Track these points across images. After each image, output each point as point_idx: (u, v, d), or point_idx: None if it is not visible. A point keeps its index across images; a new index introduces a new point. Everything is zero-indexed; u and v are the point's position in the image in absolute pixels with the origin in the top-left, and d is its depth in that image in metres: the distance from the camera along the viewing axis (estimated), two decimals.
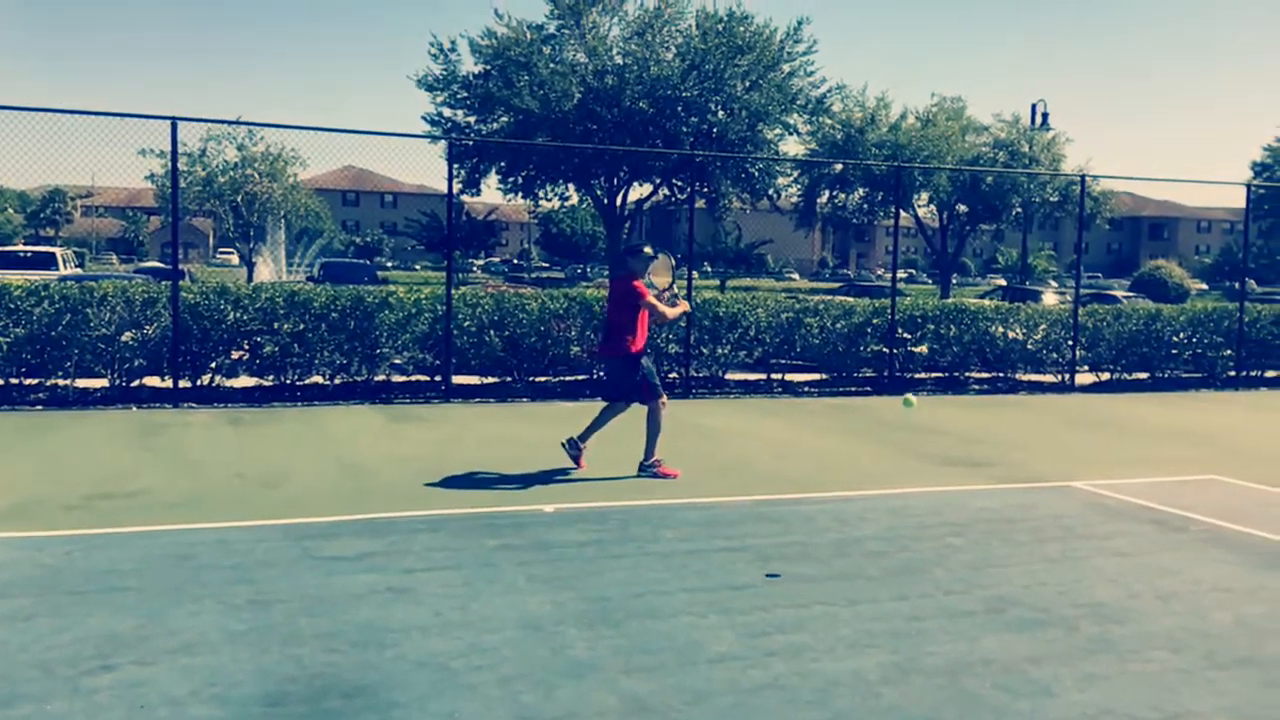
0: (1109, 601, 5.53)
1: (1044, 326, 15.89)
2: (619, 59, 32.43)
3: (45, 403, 11.48)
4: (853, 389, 14.72)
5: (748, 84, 32.23)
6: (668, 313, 8.59)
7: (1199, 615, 5.36)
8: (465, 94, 33.38)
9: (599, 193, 35.05)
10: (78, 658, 4.41)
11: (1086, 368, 16.32)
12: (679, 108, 31.84)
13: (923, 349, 15.20)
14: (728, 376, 14.46)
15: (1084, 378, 16.22)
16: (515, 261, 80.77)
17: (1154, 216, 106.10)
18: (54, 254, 26.27)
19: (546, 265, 79.45)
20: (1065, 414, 13.08)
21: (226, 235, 38.52)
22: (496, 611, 5.12)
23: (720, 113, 32.45)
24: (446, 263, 13.53)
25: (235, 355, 12.23)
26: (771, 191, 36.53)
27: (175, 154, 12.10)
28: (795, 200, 41.50)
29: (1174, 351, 16.57)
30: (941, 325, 15.23)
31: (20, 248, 33.13)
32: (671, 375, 13.54)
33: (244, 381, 12.39)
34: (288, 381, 12.43)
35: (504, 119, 32.63)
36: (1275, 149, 71.94)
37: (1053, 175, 38.44)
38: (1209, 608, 5.48)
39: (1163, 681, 4.47)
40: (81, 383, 11.88)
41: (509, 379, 13.30)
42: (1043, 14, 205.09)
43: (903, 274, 72.06)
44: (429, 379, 13.11)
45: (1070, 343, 15.84)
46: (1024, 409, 13.60)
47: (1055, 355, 15.94)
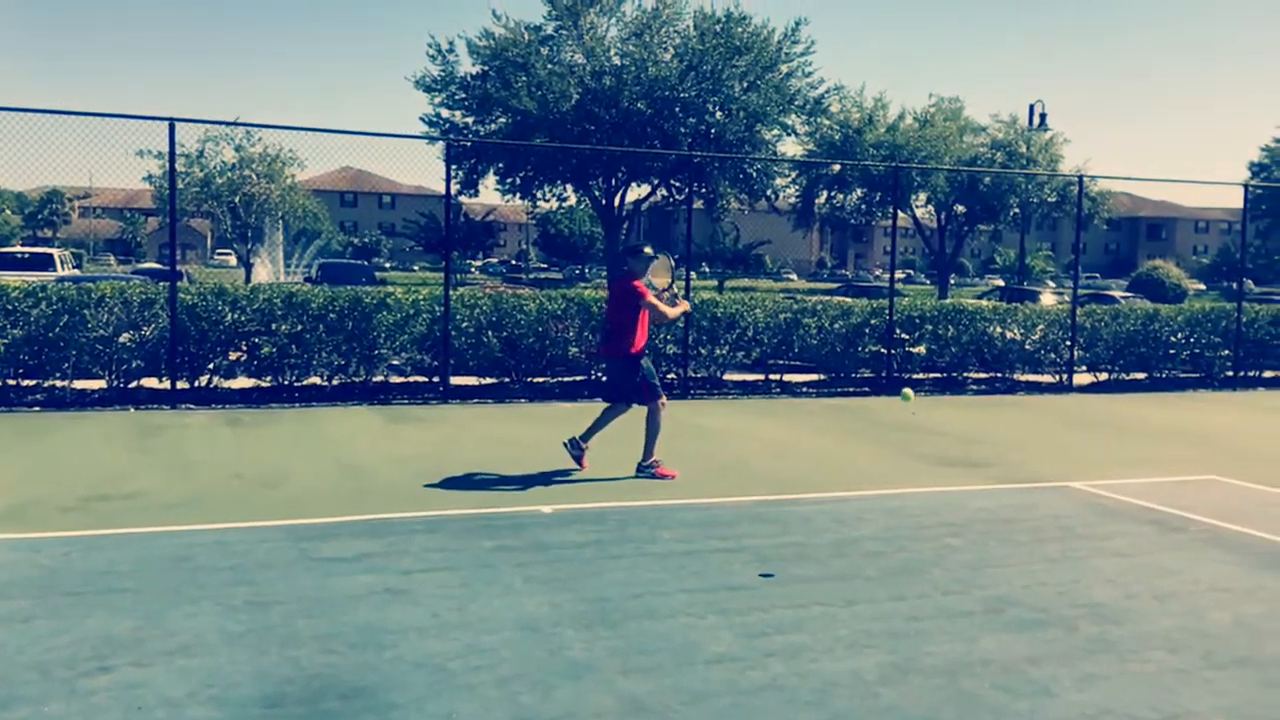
0: (1107, 601, 5.53)
1: (1042, 327, 15.90)
2: (617, 60, 32.43)
3: (43, 404, 11.47)
4: (851, 389, 14.72)
5: (745, 84, 32.24)
6: (668, 312, 8.60)
7: (1197, 615, 5.36)
8: (463, 95, 33.38)
9: (597, 193, 35.05)
10: (75, 659, 4.40)
11: (1084, 368, 16.32)
12: (677, 108, 31.85)
13: (921, 349, 15.20)
14: (726, 377, 14.46)
15: (1082, 378, 16.23)
16: (513, 262, 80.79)
17: (1152, 217, 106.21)
18: (51, 255, 26.24)
19: (544, 266, 79.46)
20: (1063, 414, 13.09)
21: (224, 236, 38.51)
22: (494, 612, 5.11)
23: (718, 113, 32.46)
24: (444, 263, 13.52)
25: (233, 356, 12.22)
26: (769, 192, 36.55)
27: (173, 155, 12.10)
28: (793, 201, 41.52)
29: (1172, 352, 16.59)
30: (939, 326, 15.24)
31: (18, 249, 33.11)
32: (670, 376, 13.54)
33: (242, 382, 12.38)
34: (286, 382, 12.43)
35: (502, 120, 32.63)
36: (1273, 149, 72.06)
37: (1050, 176, 38.47)
38: (1207, 608, 5.49)
39: (1161, 681, 4.48)
40: (79, 384, 11.87)
41: (507, 380, 13.30)
42: (1041, 14, 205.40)
43: (901, 274, 72.12)
44: (427, 380, 13.10)
45: (1068, 343, 15.85)
46: (1022, 409, 13.61)
47: (1053, 355, 15.95)
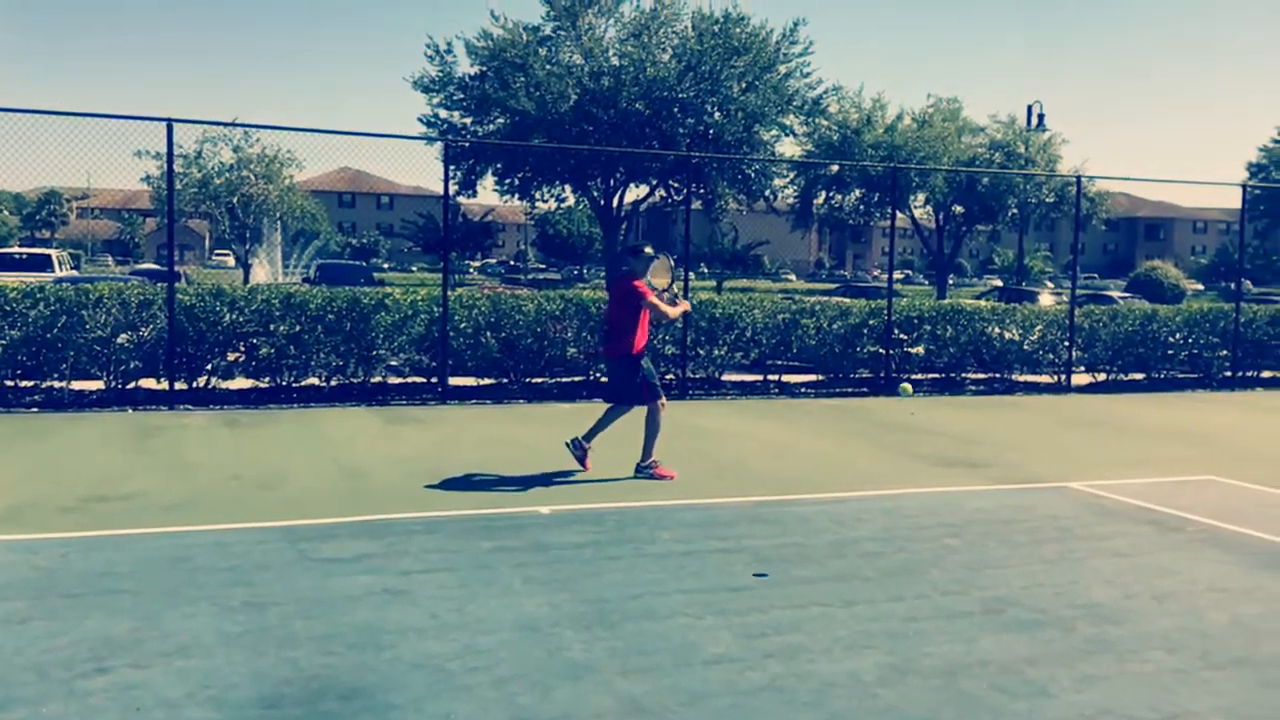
0: (1106, 602, 5.54)
1: (1040, 327, 15.91)
2: (615, 60, 32.39)
3: (41, 405, 11.46)
4: (849, 390, 14.72)
5: (744, 85, 32.21)
6: (669, 312, 8.60)
7: (1195, 615, 5.36)
8: (461, 95, 33.34)
9: (595, 194, 35.02)
10: (73, 660, 4.40)
11: (1083, 368, 16.33)
12: (675, 109, 31.81)
13: (919, 350, 15.21)
14: (724, 378, 14.47)
15: (1080, 378, 16.23)
16: (512, 263, 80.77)
17: (1150, 217, 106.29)
18: (49, 256, 26.23)
19: (543, 267, 79.41)
20: (1062, 414, 13.09)
21: (223, 237, 38.46)
22: (493, 613, 5.11)
23: (716, 114, 32.42)
24: (443, 264, 13.51)
25: (231, 357, 12.22)
26: (768, 193, 36.49)
27: (171, 156, 12.09)
28: (792, 201, 41.50)
29: (1170, 352, 16.60)
30: (938, 326, 15.25)
31: (16, 250, 33.08)
32: (668, 376, 13.54)
33: (240, 383, 12.38)
34: (284, 383, 12.42)
35: (500, 120, 32.59)
36: (1271, 150, 72.20)
37: (1049, 176, 38.48)
38: (1205, 608, 5.49)
39: (1159, 682, 4.48)
40: (77, 385, 11.86)
41: (505, 380, 13.29)
42: (1039, 15, 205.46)
43: (899, 275, 72.13)
44: (425, 381, 13.10)
45: (1066, 343, 15.86)
46: (1020, 409, 13.61)
47: (1051, 356, 15.96)
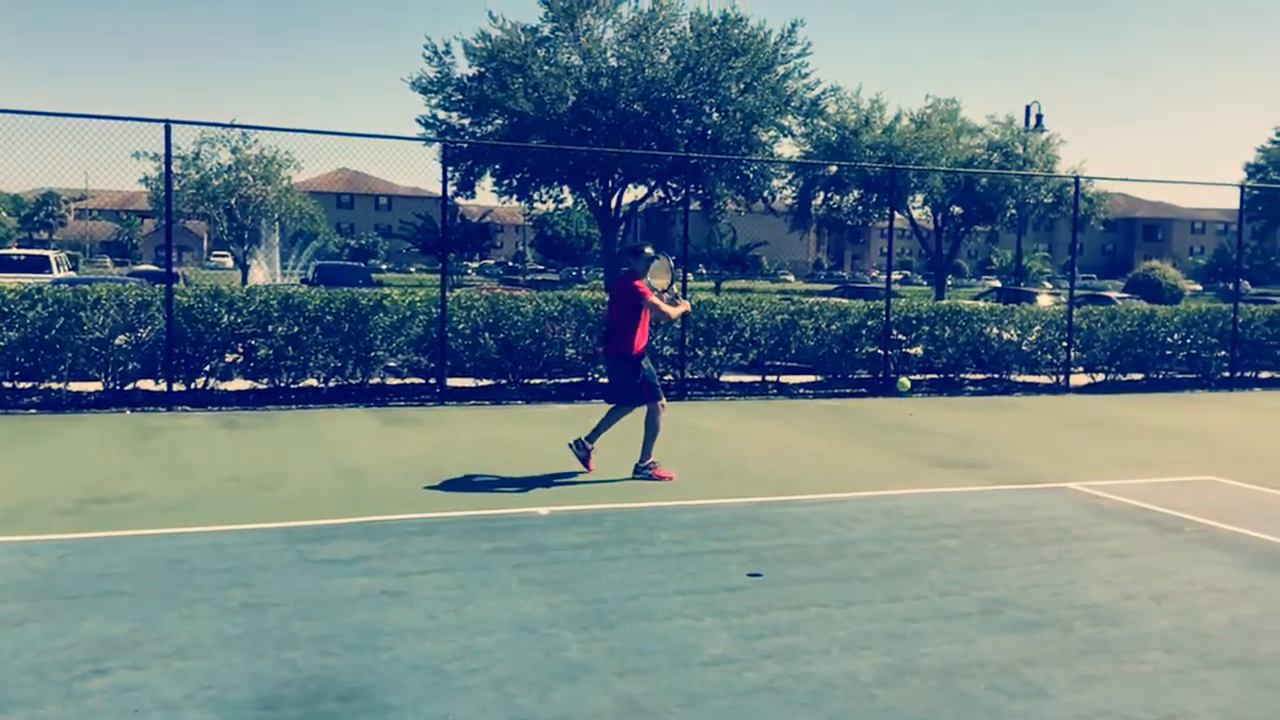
0: (1104, 603, 5.54)
1: (1039, 328, 15.91)
2: (613, 61, 32.40)
3: (39, 406, 11.45)
4: (848, 391, 14.72)
5: (742, 86, 32.22)
6: (670, 312, 8.60)
7: (1193, 616, 5.37)
8: (460, 96, 33.34)
9: (594, 195, 35.02)
10: (71, 662, 4.40)
11: (1081, 369, 16.34)
12: (673, 110, 31.81)
13: (918, 350, 15.21)
14: (722, 379, 14.47)
15: (1079, 379, 16.24)
16: (510, 264, 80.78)
17: (1148, 218, 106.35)
18: (48, 257, 26.19)
19: (541, 267, 79.42)
20: (1060, 415, 13.10)
21: (221, 238, 38.46)
22: (491, 614, 5.11)
23: (715, 115, 32.43)
24: (441, 265, 13.52)
25: (229, 358, 12.22)
26: (766, 193, 36.49)
27: (169, 157, 12.08)
28: (790, 202, 41.49)
29: (1168, 352, 16.61)
30: (936, 327, 15.25)
31: (14, 251, 33.04)
32: (667, 377, 13.53)
33: (238, 385, 12.37)
34: (282, 384, 12.42)
35: (498, 121, 32.60)
36: (1269, 150, 72.30)
37: (1047, 177, 38.49)
38: (1203, 609, 5.49)
39: (1157, 682, 4.48)
40: (75, 386, 11.85)
41: (504, 381, 13.29)
42: (1037, 16, 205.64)
43: (898, 276, 72.13)
44: (424, 382, 13.09)
45: (1065, 344, 15.86)
46: (1019, 410, 13.62)
47: (1050, 356, 15.96)
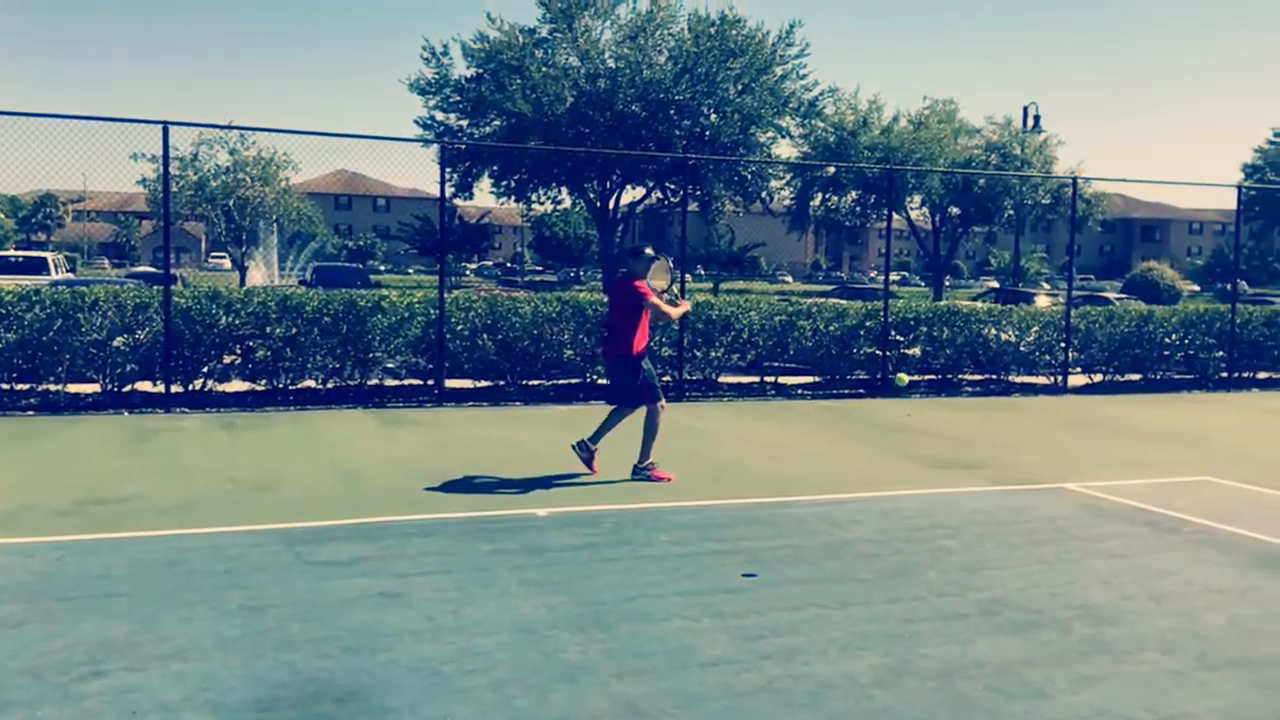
0: (1102, 603, 5.54)
1: (1036, 328, 15.92)
2: (611, 62, 32.40)
3: (36, 408, 11.44)
4: (846, 392, 14.73)
5: (740, 87, 32.22)
6: (671, 312, 8.61)
7: (1192, 616, 5.37)
8: (457, 98, 33.33)
9: (592, 196, 35.01)
10: (69, 664, 4.39)
11: (1079, 369, 16.34)
12: (671, 111, 31.80)
13: (916, 351, 15.22)
14: (721, 379, 14.46)
15: (1077, 379, 16.25)
16: (508, 265, 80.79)
17: (1146, 218, 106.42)
18: (45, 259, 26.20)
19: (540, 269, 79.43)
20: (1058, 416, 13.10)
21: (219, 240, 38.47)
22: (489, 615, 5.11)
23: (713, 116, 32.43)
24: (439, 266, 13.52)
25: (227, 360, 12.20)
26: (764, 194, 36.49)
27: (167, 158, 12.07)
28: (788, 203, 41.50)
29: (1166, 353, 16.62)
30: (934, 328, 15.26)
31: (11, 252, 33.05)
32: (665, 378, 13.53)
33: (236, 386, 12.36)
34: (280, 386, 12.41)
35: (496, 122, 32.58)
36: (1266, 151, 72.38)
37: (1045, 177, 38.51)
38: (1202, 609, 5.50)
39: (1155, 683, 4.48)
40: (73, 388, 11.84)
41: (502, 383, 13.29)
42: (1035, 17, 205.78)
43: (896, 276, 72.12)
44: (422, 383, 13.09)
45: (1063, 344, 15.87)
46: (1017, 411, 13.62)
47: (1048, 357, 15.97)
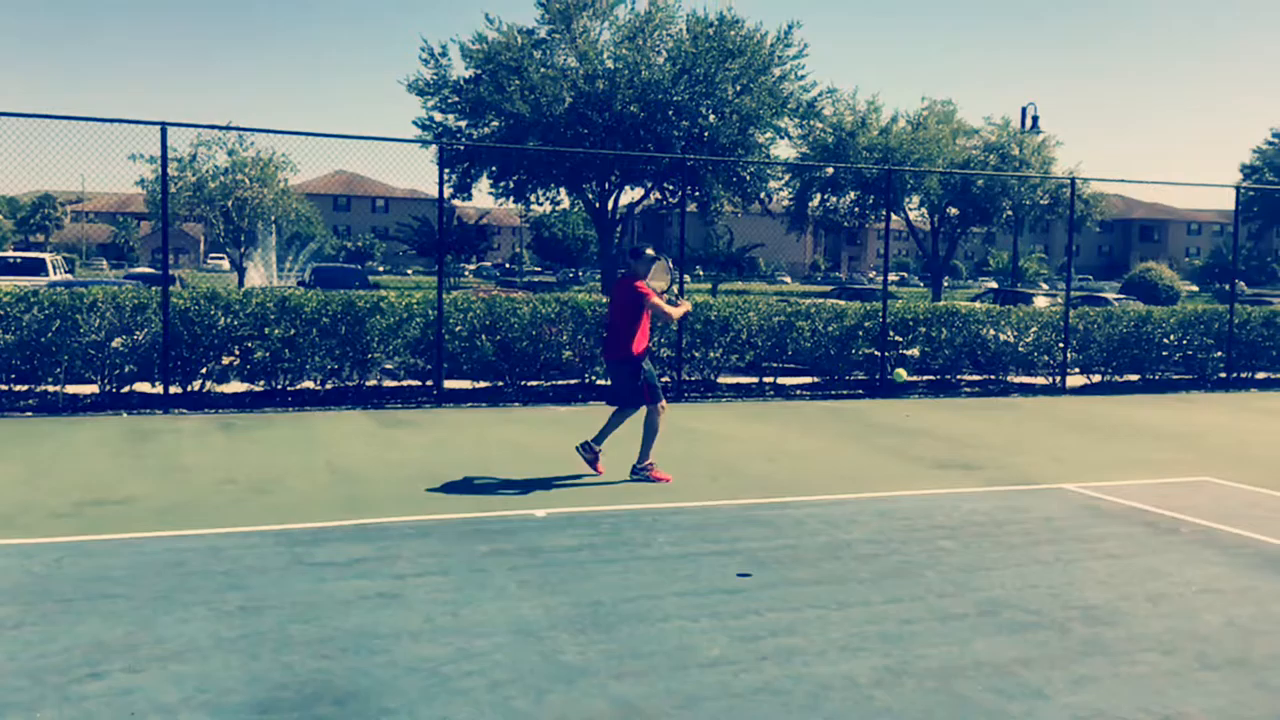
0: (1100, 604, 5.54)
1: (1035, 329, 15.93)
2: (610, 63, 32.40)
3: (35, 409, 11.44)
4: (844, 392, 14.73)
5: (738, 88, 32.22)
6: (672, 312, 8.60)
7: (1190, 617, 5.37)
8: (456, 98, 33.33)
9: (590, 197, 35.01)
10: (67, 666, 4.39)
11: (1078, 370, 16.36)
12: (670, 112, 31.81)
13: (914, 352, 15.22)
14: (719, 380, 14.47)
15: (1075, 380, 16.26)
16: (507, 265, 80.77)
17: (1144, 219, 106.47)
18: (44, 260, 26.19)
19: (538, 269, 79.42)
20: (1056, 416, 13.11)
21: (217, 241, 38.42)
22: (487, 616, 5.11)
23: (711, 116, 32.44)
24: (438, 267, 13.52)
25: (226, 361, 12.19)
26: (763, 195, 36.51)
27: (165, 159, 12.07)
28: (787, 203, 41.51)
29: (1164, 353, 16.64)
30: (933, 328, 15.26)
31: (10, 253, 33.03)
32: (663, 379, 13.53)
33: (235, 387, 12.36)
34: (279, 387, 12.41)
35: (495, 123, 32.59)
36: (1265, 151, 72.48)
37: (1043, 178, 38.53)
38: (1200, 609, 5.50)
39: (1154, 683, 4.48)
40: (71, 389, 11.84)
41: (501, 383, 13.29)
42: (1033, 17, 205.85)
43: (894, 277, 72.22)
44: (420, 384, 13.08)
45: (1061, 345, 15.88)
46: (1015, 411, 13.62)
47: (1046, 357, 15.98)
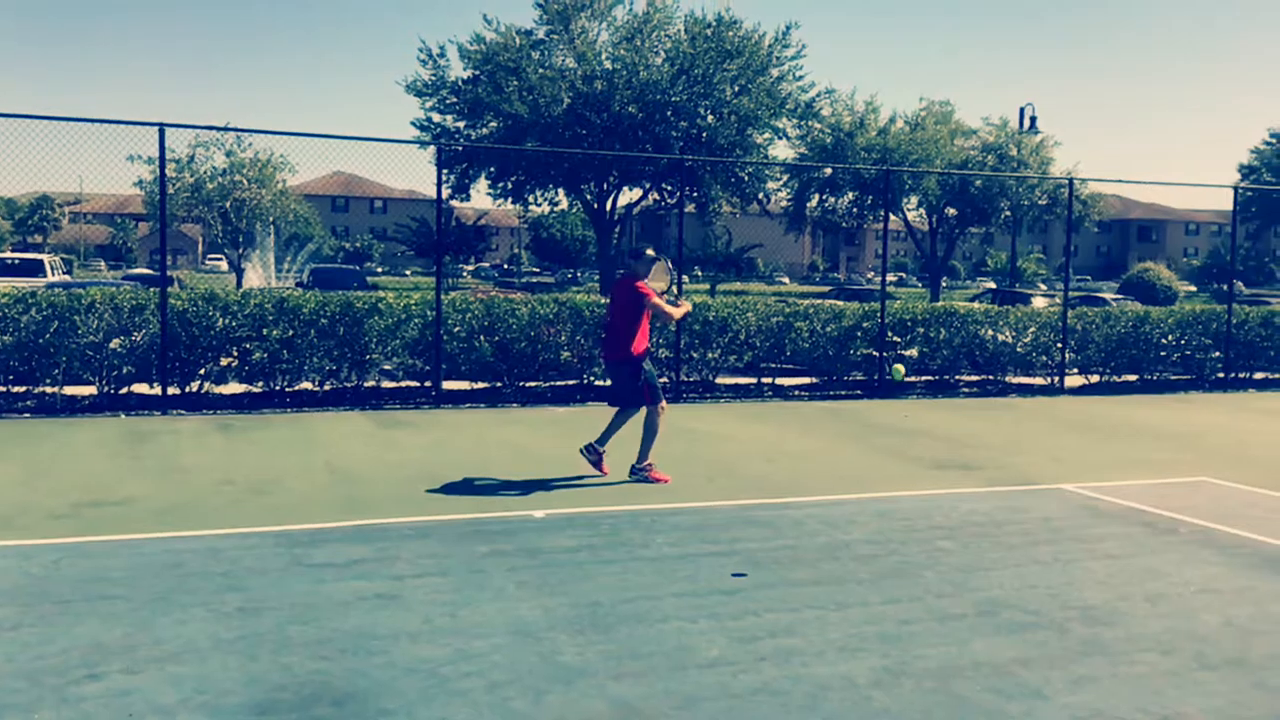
0: (1099, 604, 5.55)
1: (1033, 329, 15.94)
2: (608, 64, 32.41)
3: (33, 410, 11.43)
4: (843, 393, 14.73)
5: (736, 88, 32.23)
6: (673, 312, 8.60)
7: (1188, 617, 5.37)
8: (454, 99, 33.32)
9: (589, 197, 35.01)
10: (65, 667, 4.39)
11: (1076, 370, 16.36)
12: (668, 112, 31.81)
13: (913, 352, 15.23)
14: (718, 381, 14.47)
15: (1073, 380, 16.27)
16: (505, 266, 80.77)
17: (1142, 219, 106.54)
18: (42, 261, 26.21)
19: (537, 270, 79.41)
20: (1055, 416, 13.12)
21: (215, 242, 38.40)
22: (486, 617, 5.11)
23: (709, 117, 32.45)
24: (436, 268, 13.52)
25: (224, 362, 12.19)
26: (761, 195, 36.52)
27: (163, 160, 12.06)
28: (785, 204, 41.52)
29: (1163, 353, 16.65)
30: (931, 328, 15.27)
31: (8, 254, 33.01)
32: (662, 380, 13.51)
33: (233, 388, 12.36)
34: (277, 388, 12.41)
35: (493, 124, 32.58)
36: (1262, 152, 72.57)
37: (1041, 178, 38.55)
38: (1198, 609, 5.50)
39: (1152, 683, 4.49)
40: (69, 390, 11.83)
41: (499, 384, 13.28)
42: (1031, 18, 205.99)
43: (893, 277, 72.22)
44: (419, 385, 13.08)
45: (1060, 345, 15.89)
46: (1014, 411, 13.63)
47: (1045, 358, 15.98)
